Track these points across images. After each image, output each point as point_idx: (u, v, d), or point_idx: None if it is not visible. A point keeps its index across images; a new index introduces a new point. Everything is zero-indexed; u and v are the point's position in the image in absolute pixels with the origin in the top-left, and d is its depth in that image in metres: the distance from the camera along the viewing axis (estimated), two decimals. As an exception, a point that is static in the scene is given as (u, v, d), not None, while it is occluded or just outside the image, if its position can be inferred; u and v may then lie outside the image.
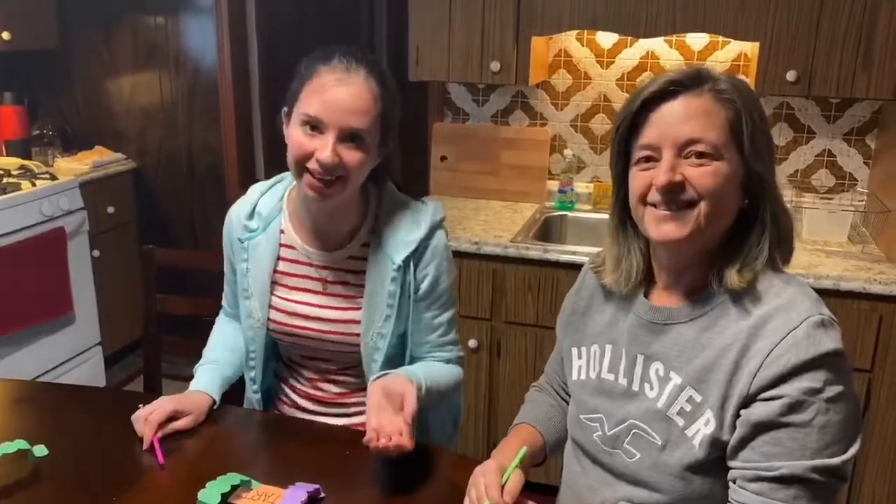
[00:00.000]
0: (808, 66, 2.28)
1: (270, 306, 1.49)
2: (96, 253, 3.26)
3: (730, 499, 1.05)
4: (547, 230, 2.77)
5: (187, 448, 1.37)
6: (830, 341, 1.00)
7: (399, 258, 1.42)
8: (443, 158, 3.04)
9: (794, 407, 0.98)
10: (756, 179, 1.07)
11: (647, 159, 1.07)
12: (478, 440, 2.63)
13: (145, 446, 1.35)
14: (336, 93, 1.30)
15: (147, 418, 1.37)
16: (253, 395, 1.58)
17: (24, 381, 1.78)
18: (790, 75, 2.29)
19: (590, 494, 1.19)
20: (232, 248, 1.54)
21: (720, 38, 2.62)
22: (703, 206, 1.04)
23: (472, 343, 2.53)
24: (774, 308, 1.03)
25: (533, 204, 2.91)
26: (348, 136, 1.31)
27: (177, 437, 1.38)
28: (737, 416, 1.03)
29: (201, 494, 1.18)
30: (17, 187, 2.92)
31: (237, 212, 1.53)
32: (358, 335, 1.45)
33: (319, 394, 1.54)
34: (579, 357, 1.25)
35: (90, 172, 3.28)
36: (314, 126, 1.31)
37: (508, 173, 2.97)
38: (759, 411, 1.01)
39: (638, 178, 1.09)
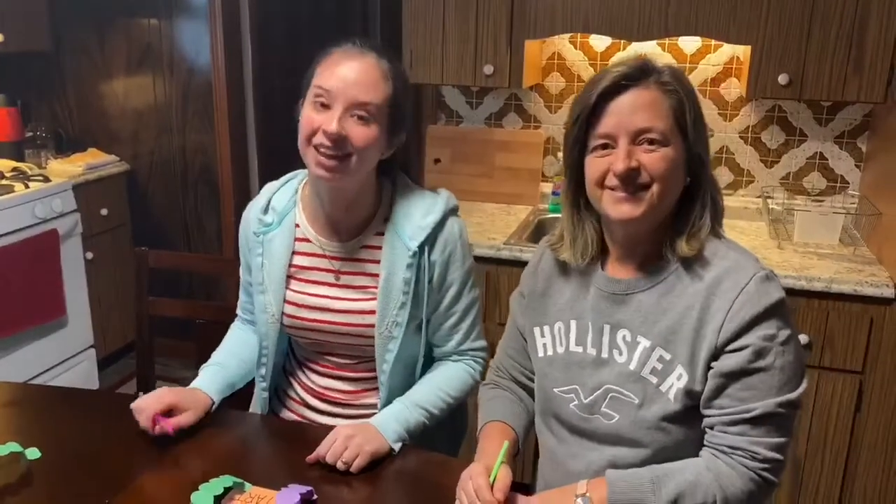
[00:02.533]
0: (800, 69, 2.29)
1: (285, 300, 1.49)
2: (90, 255, 3.26)
3: (708, 443, 1.16)
4: (540, 232, 2.77)
5: (180, 450, 1.37)
6: (776, 291, 1.15)
7: (414, 244, 1.43)
8: (436, 161, 3.05)
9: (759, 353, 1.12)
10: (697, 161, 1.19)
11: (604, 146, 1.18)
12: (470, 443, 2.63)
13: (148, 423, 1.36)
14: (347, 66, 1.34)
15: (146, 405, 1.38)
16: (262, 392, 1.57)
17: (16, 384, 1.78)
18: (782, 79, 2.30)
19: (573, 461, 1.26)
20: (248, 245, 1.54)
21: (712, 42, 2.63)
22: (655, 187, 1.16)
23: (465, 345, 2.53)
24: (724, 270, 1.17)
25: (526, 206, 2.92)
26: (356, 110, 1.33)
27: (170, 439, 1.38)
28: (707, 368, 1.15)
29: (194, 497, 1.19)
30: (10, 189, 2.91)
31: (253, 209, 1.54)
32: (373, 325, 1.45)
33: (330, 393, 1.54)
34: (542, 336, 1.32)
35: (83, 174, 3.27)
36: (324, 103, 1.33)
37: (502, 175, 2.98)
38: (729, 362, 1.13)
39: (595, 164, 1.19)
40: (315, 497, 1.23)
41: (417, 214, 1.44)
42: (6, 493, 1.26)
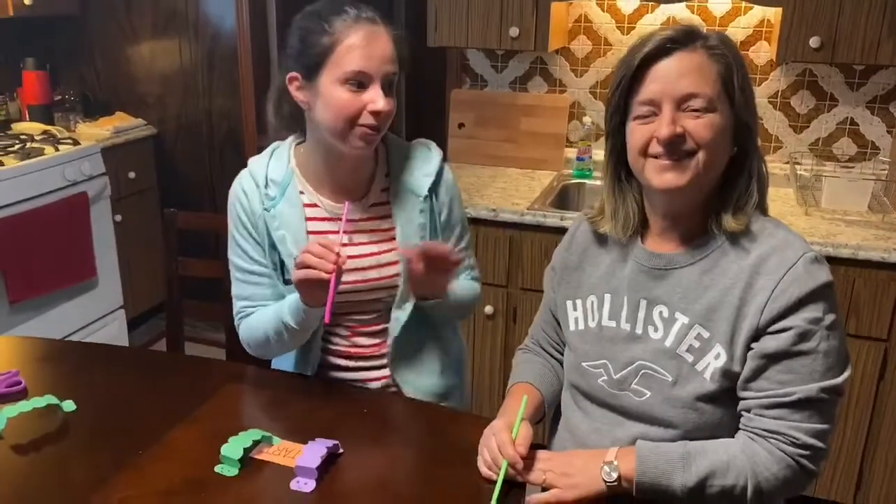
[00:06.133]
0: (832, 31, 2.25)
1: None
2: (118, 218, 3.31)
3: (744, 426, 1.13)
4: (564, 198, 2.77)
5: (209, 406, 1.40)
6: (825, 274, 1.11)
7: (424, 190, 1.50)
8: (460, 125, 3.04)
9: (803, 336, 1.08)
10: (744, 130, 1.15)
11: (647, 114, 1.14)
12: (493, 404, 2.66)
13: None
14: (373, 44, 1.36)
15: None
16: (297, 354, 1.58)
17: (52, 340, 1.83)
18: (813, 41, 2.26)
19: (597, 437, 1.23)
20: (257, 223, 1.48)
21: (742, 4, 2.58)
22: (701, 155, 1.12)
23: (487, 309, 2.55)
24: (771, 248, 1.13)
25: (550, 172, 2.91)
26: (387, 84, 1.39)
27: (199, 398, 1.42)
28: (747, 348, 1.11)
29: (224, 449, 1.22)
30: (41, 152, 2.95)
31: (248, 187, 1.49)
32: (395, 276, 1.49)
33: (355, 349, 1.55)
34: (574, 309, 1.30)
35: (111, 138, 3.31)
36: (360, 83, 1.36)
37: (526, 140, 2.97)
38: (771, 344, 1.10)
39: (638, 132, 1.15)
40: (341, 451, 1.26)
41: (417, 165, 1.52)
42: (45, 443, 1.30)
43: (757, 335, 1.11)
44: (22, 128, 3.25)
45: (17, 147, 2.97)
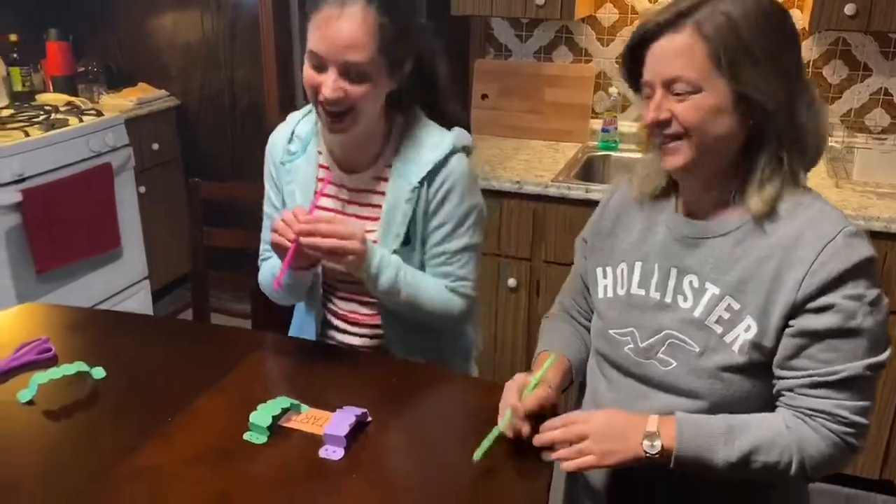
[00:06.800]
0: (869, -2, 2.18)
1: None
2: (142, 189, 3.32)
3: (787, 405, 1.10)
4: (589, 170, 2.74)
5: (237, 374, 1.41)
6: (866, 249, 1.08)
7: (416, 178, 1.43)
8: (483, 96, 3.01)
9: (846, 314, 1.06)
10: (756, 106, 1.08)
11: (649, 95, 1.13)
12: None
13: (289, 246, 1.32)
14: (333, 28, 1.30)
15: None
16: (307, 317, 1.60)
17: (80, 308, 1.84)
18: (848, 9, 2.20)
19: (622, 408, 1.21)
20: (277, 174, 1.55)
21: (775, -30, 2.51)
22: (691, 138, 1.10)
23: (511, 282, 2.54)
24: (808, 220, 1.10)
25: (575, 143, 2.87)
26: (350, 71, 1.32)
27: (226, 367, 1.42)
28: (784, 325, 1.09)
29: (253, 416, 1.22)
30: (65, 123, 2.96)
31: (278, 137, 1.55)
32: None
33: (355, 315, 1.57)
34: (604, 276, 1.29)
35: (134, 109, 3.31)
36: (317, 65, 1.33)
37: (551, 112, 2.93)
38: (812, 322, 1.08)
39: (645, 112, 1.15)
40: (369, 419, 1.26)
41: (424, 150, 1.44)
42: (76, 409, 1.32)
43: (794, 311, 1.08)
44: (46, 99, 3.26)
45: (41, 118, 2.98)
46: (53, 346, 1.47)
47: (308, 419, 1.25)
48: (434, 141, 1.45)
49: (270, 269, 1.56)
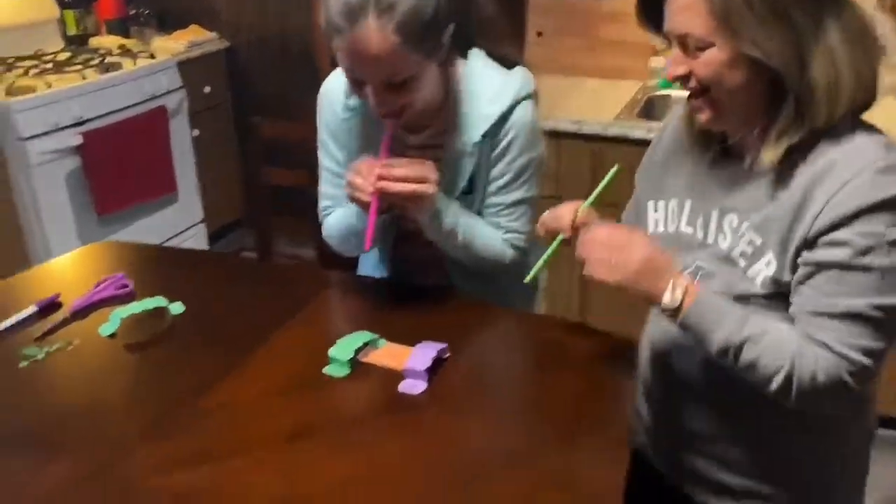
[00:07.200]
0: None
1: None
2: (196, 132, 3.33)
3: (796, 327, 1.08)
4: (650, 110, 2.66)
5: (312, 310, 1.42)
6: (894, 186, 1.00)
7: (477, 134, 1.37)
8: (539, 34, 2.93)
9: (857, 250, 1.01)
10: (761, 60, 1.03)
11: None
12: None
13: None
14: (354, 51, 1.23)
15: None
16: (379, 262, 1.60)
17: (150, 246, 1.86)
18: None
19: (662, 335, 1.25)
20: (339, 128, 1.47)
21: None
22: (712, 93, 1.08)
23: (569, 224, 2.50)
24: (842, 154, 1.05)
25: (635, 82, 2.79)
26: (388, 81, 1.26)
27: (300, 303, 1.43)
28: (797, 257, 1.07)
29: (332, 351, 1.23)
30: (119, 66, 2.97)
31: (332, 86, 1.48)
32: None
33: (419, 255, 1.52)
34: (655, 211, 1.28)
35: (186, 52, 3.30)
36: (355, 79, 1.29)
37: (608, 49, 2.85)
38: (820, 254, 1.04)
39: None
40: (448, 355, 1.26)
41: (484, 100, 1.37)
42: (156, 343, 1.34)
43: (808, 244, 1.05)
44: (99, 42, 3.27)
45: (97, 61, 2.99)
46: (130, 282, 1.49)
47: (387, 354, 1.26)
48: (495, 90, 1.38)
49: (337, 224, 1.50)
